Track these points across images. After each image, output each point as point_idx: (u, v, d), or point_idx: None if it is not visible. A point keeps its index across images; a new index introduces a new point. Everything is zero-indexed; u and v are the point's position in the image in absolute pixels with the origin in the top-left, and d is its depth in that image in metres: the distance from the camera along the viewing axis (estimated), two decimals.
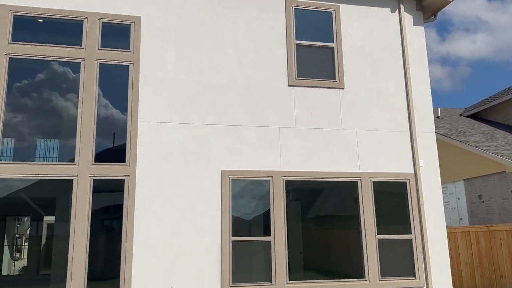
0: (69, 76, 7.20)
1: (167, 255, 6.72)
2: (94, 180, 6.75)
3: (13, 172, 6.56)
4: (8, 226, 12.46)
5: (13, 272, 12.61)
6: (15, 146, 6.92)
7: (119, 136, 7.29)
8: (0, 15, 6.84)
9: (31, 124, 7.17)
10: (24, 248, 14.68)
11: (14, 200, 7.45)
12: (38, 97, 7.13)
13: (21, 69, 7.00)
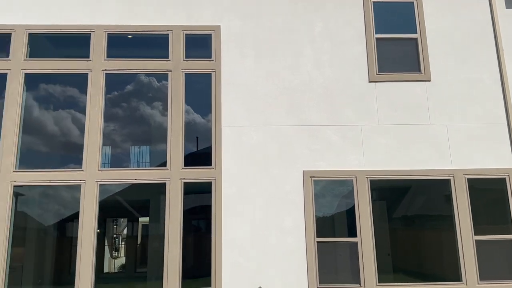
0: (157, 86, 7.73)
1: (253, 255, 6.90)
2: (184, 183, 7.16)
3: (113, 177, 7.18)
4: (107, 227, 13.63)
5: (113, 270, 13.56)
6: (111, 153, 7.56)
7: (204, 141, 7.66)
8: (97, 35, 7.54)
9: (124, 132, 7.80)
10: (121, 247, 15.93)
11: (111, 203, 8.06)
12: (131, 107, 7.74)
13: (115, 82, 7.64)
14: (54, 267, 8.04)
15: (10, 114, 7.15)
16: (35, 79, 7.51)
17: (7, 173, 6.95)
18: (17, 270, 7.17)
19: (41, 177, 7.05)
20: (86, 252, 6.82)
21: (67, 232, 9.28)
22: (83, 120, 7.27)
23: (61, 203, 7.77)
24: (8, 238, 6.78)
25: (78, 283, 6.69)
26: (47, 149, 7.63)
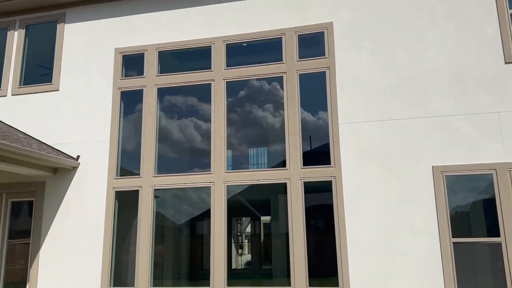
0: (270, 89, 7.94)
1: (381, 256, 6.64)
2: (305, 182, 7.22)
3: (238, 179, 7.56)
4: (232, 225, 14.42)
5: (240, 266, 14.14)
6: (232, 155, 7.97)
7: (321, 140, 7.63)
8: (216, 47, 8.04)
9: (243, 135, 8.15)
10: (244, 245, 16.70)
11: (234, 203, 8.45)
12: (247, 111, 8.07)
13: (234, 89, 8.04)
14: (189, 263, 8.75)
15: (147, 125, 8.03)
16: (165, 92, 8.29)
17: (148, 178, 7.80)
18: (159, 265, 7.97)
19: (176, 180, 7.76)
20: (219, 250, 7.30)
21: (197, 230, 10.01)
22: (205, 127, 7.82)
23: (189, 204, 8.45)
24: (151, 236, 7.61)
25: (213, 279, 7.19)
26: (178, 155, 8.37)
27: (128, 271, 7.79)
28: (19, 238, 8.34)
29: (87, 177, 8.03)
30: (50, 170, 7.95)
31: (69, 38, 8.78)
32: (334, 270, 7.00)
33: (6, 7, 8.93)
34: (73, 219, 7.88)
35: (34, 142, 7.90)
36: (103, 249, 7.61)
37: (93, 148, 8.12)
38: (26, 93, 8.73)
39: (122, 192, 7.92)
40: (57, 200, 8.03)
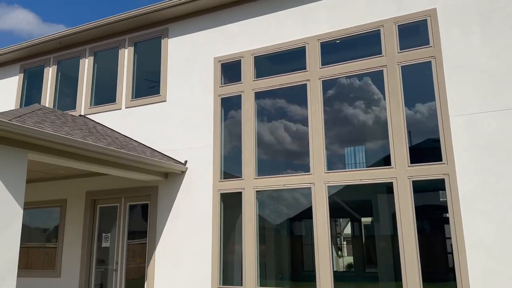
0: (368, 85, 7.63)
1: (508, 258, 5.98)
2: (413, 181, 6.80)
3: (339, 179, 7.39)
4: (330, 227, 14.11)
5: (340, 269, 13.81)
6: (328, 155, 7.76)
7: (427, 135, 7.13)
8: (311, 46, 7.98)
9: (338, 134, 7.92)
10: (343, 247, 16.24)
11: (332, 204, 8.24)
12: (342, 109, 7.84)
13: (329, 88, 7.88)
14: (290, 264, 8.75)
15: (246, 128, 8.24)
16: (262, 96, 8.44)
17: (250, 180, 8.00)
18: (262, 265, 8.09)
19: (277, 182, 7.84)
20: (323, 251, 7.20)
21: (295, 231, 10.00)
22: (303, 128, 7.78)
23: (286, 204, 8.45)
24: (256, 237, 7.77)
25: (319, 280, 7.10)
26: (277, 157, 8.44)
27: (234, 271, 8.05)
28: (136, 239, 9.10)
29: (194, 181, 8.49)
30: (162, 175, 8.56)
31: (172, 51, 9.41)
32: (450, 275, 6.48)
33: (116, 28, 9.85)
34: (183, 220, 8.39)
35: (147, 150, 8.58)
36: (211, 249, 7.97)
37: (198, 153, 8.57)
38: (137, 105, 9.53)
39: (226, 194, 8.23)
40: (169, 202, 8.61)
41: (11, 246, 5.56)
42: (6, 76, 11.45)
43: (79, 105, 10.16)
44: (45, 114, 7.45)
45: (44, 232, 10.29)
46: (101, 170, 7.51)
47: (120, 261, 8.95)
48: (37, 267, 9.76)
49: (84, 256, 9.12)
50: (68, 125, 7.52)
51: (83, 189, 9.50)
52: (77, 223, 9.40)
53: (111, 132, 9.02)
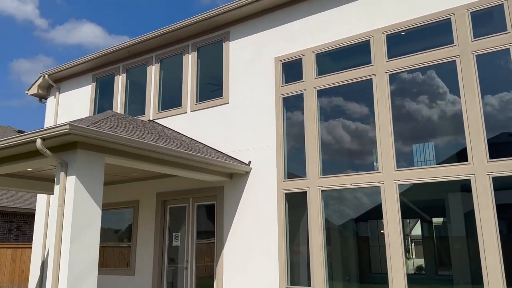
0: (441, 78, 7.22)
1: None
2: (494, 178, 6.33)
3: (410, 177, 7.07)
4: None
5: (410, 271, 13.25)
6: (396, 152, 7.42)
7: (507, 128, 6.61)
8: (376, 39, 7.71)
9: (406, 130, 7.56)
10: (411, 248, 15.54)
11: (400, 204, 7.88)
12: (409, 104, 7.48)
13: (398, 82, 7.56)
14: (357, 265, 8.51)
15: (310, 127, 8.15)
16: (324, 94, 8.30)
17: (314, 179, 7.90)
18: (328, 267, 7.93)
19: (343, 181, 7.67)
20: (395, 252, 6.92)
21: (360, 231, 9.72)
22: (368, 124, 7.53)
23: (348, 204, 8.21)
24: (323, 237, 7.65)
25: (392, 282, 6.84)
26: (341, 155, 8.25)
27: (300, 271, 7.98)
28: (204, 238, 9.33)
29: (258, 181, 8.55)
30: (227, 176, 8.71)
31: (233, 53, 9.55)
32: None
33: (180, 34, 10.19)
34: (249, 220, 8.47)
35: (212, 151, 8.77)
36: (278, 248, 7.97)
37: (261, 153, 8.61)
38: (201, 108, 9.78)
39: (290, 193, 8.19)
40: (235, 202, 8.74)
41: (92, 245, 5.92)
42: (80, 86, 12.27)
43: (148, 111, 10.63)
44: (118, 120, 7.87)
45: (116, 232, 10.88)
46: (170, 171, 7.79)
47: (190, 259, 9.23)
48: (113, 265, 10.34)
49: (156, 254, 9.52)
50: (140, 129, 7.89)
51: (154, 191, 9.92)
52: (149, 223, 9.84)
53: (178, 135, 9.34)
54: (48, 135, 5.63)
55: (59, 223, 5.75)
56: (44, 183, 9.54)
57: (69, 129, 5.46)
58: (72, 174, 5.86)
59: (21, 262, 12.29)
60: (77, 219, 5.75)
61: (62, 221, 5.75)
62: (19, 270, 12.23)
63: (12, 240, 16.01)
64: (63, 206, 5.80)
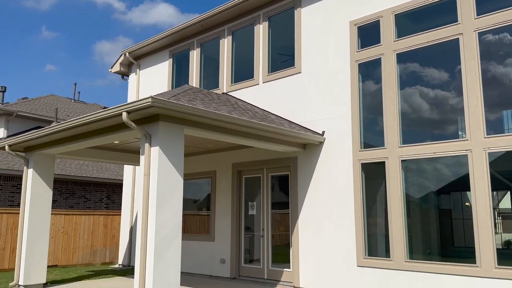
0: None
1: None
2: None
3: (504, 144, 6.49)
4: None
5: (498, 246, 12.46)
6: (486, 118, 6.80)
7: None
8: None
9: (495, 95, 6.87)
10: (498, 222, 14.50)
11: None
12: (503, 66, 6.76)
13: (487, 41, 6.87)
14: (438, 238, 8.12)
15: (388, 94, 7.75)
16: (404, 58, 7.80)
17: (394, 149, 7.56)
18: (408, 239, 7.65)
19: (425, 150, 7.25)
20: (484, 226, 6.48)
21: (442, 204, 9.22)
22: (454, 89, 6.97)
23: (429, 176, 7.74)
24: (403, 208, 7.37)
25: (480, 257, 6.44)
26: (423, 123, 7.77)
27: (377, 243, 7.80)
28: (279, 208, 9.46)
29: (333, 151, 8.39)
30: (300, 146, 8.66)
31: (305, 20, 9.29)
32: None
33: (251, 4, 10.10)
34: (324, 191, 8.40)
35: (284, 122, 8.75)
36: (355, 219, 7.83)
37: (335, 123, 8.41)
38: (273, 79, 9.73)
39: (366, 164, 7.94)
40: (309, 173, 8.70)
41: (176, 211, 6.26)
42: (158, 62, 12.80)
43: (222, 84, 10.82)
44: (194, 93, 8.12)
45: (195, 202, 11.42)
46: (244, 142, 7.91)
47: (266, 228, 9.45)
48: (194, 232, 10.92)
49: (234, 222, 9.87)
50: (215, 102, 8.07)
51: (229, 161, 10.20)
52: (226, 192, 10.18)
53: (251, 107, 9.42)
54: (133, 108, 5.96)
55: (145, 191, 6.14)
56: (130, 155, 10.23)
57: (151, 102, 5.72)
58: (156, 145, 6.18)
59: (112, 228, 13.44)
60: (161, 187, 6.09)
61: (148, 189, 6.13)
62: (110, 235, 13.40)
63: (103, 208, 17.55)
64: (148, 175, 6.17)
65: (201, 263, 10.34)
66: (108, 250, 13.44)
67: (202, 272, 10.28)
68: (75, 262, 12.60)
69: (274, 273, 9.16)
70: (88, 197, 17.25)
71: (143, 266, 5.95)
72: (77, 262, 12.64)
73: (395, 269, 7.26)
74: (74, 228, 12.70)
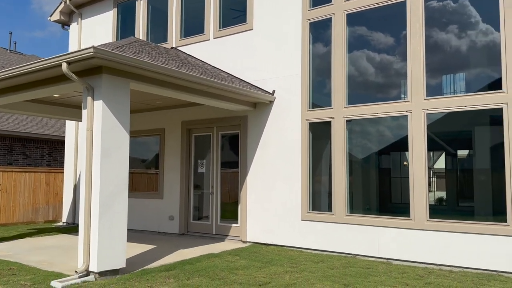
0: (470, 6, 6.71)
1: None
2: None
3: (440, 106, 6.87)
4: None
5: (431, 202, 13.37)
6: (427, 82, 7.14)
7: None
8: None
9: (436, 61, 7.20)
10: (432, 182, 15.59)
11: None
12: (445, 33, 7.05)
13: (432, 8, 7.08)
14: (377, 195, 8.62)
15: (337, 55, 7.86)
16: (354, 19, 7.88)
17: (340, 109, 7.78)
18: (349, 195, 8.05)
19: (369, 110, 7.52)
20: (418, 184, 6.94)
21: (382, 163, 9.73)
22: (398, 52, 7.20)
23: (372, 136, 8.11)
24: (346, 166, 7.70)
25: (413, 212, 6.93)
26: (368, 85, 8.01)
27: (321, 198, 8.16)
28: (228, 166, 9.54)
29: (282, 110, 8.49)
30: (250, 105, 8.67)
31: None
32: None
33: None
34: (273, 149, 8.55)
35: (235, 80, 8.66)
36: (301, 176, 8.10)
37: (286, 83, 8.46)
38: (224, 35, 9.51)
39: (314, 123, 8.13)
40: (258, 132, 8.78)
41: (122, 167, 6.12)
42: (102, 12, 12.03)
43: (170, 38, 10.42)
44: (141, 46, 7.77)
45: (144, 161, 11.22)
46: (193, 99, 7.78)
47: (215, 185, 9.54)
48: (142, 189, 10.81)
49: (183, 180, 9.86)
50: (163, 56, 7.78)
51: (179, 119, 10.04)
52: (175, 150, 10.08)
53: (202, 63, 9.21)
54: (73, 59, 5.62)
55: (89, 146, 5.93)
56: (72, 110, 9.75)
57: (93, 52, 5.41)
58: (99, 99, 5.92)
59: (55, 186, 12.98)
60: (105, 142, 5.91)
61: (92, 144, 5.93)
62: (53, 193, 12.95)
63: (45, 165, 16.82)
64: (91, 130, 5.94)
65: (150, 220, 10.34)
66: (52, 208, 13.03)
67: (151, 229, 10.30)
68: (16, 220, 12.13)
69: (222, 229, 9.37)
70: (28, 154, 16.41)
71: (87, 223, 5.84)
72: (18, 220, 12.17)
73: (336, 222, 7.67)
74: (13, 185, 12.12)
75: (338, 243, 7.61)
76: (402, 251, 6.96)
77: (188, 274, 5.94)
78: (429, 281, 5.69)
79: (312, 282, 5.55)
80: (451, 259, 6.54)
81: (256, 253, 7.56)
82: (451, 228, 6.61)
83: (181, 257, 7.16)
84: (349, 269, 6.34)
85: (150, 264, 6.67)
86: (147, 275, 5.89)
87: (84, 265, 5.75)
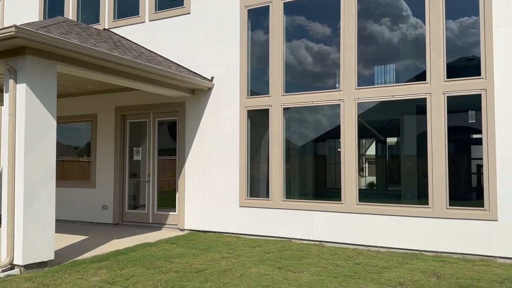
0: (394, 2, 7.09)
1: None
2: (448, 97, 6.57)
3: (369, 95, 7.20)
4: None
5: (362, 187, 14.05)
6: (359, 72, 7.47)
7: (469, 48, 6.73)
8: None
9: (368, 51, 7.55)
10: (365, 167, 16.43)
11: (358, 124, 8.13)
12: (377, 25, 7.39)
13: (365, 2, 7.37)
14: (313, 181, 8.92)
15: (274, 43, 7.94)
16: (292, 8, 7.98)
17: (277, 97, 7.89)
18: (286, 182, 8.27)
19: (305, 99, 7.71)
20: (349, 169, 7.26)
21: (318, 150, 10.07)
22: (333, 42, 7.44)
23: (309, 124, 8.38)
24: (283, 152, 7.86)
25: (345, 196, 7.25)
26: (305, 74, 8.20)
27: (259, 185, 8.29)
28: (166, 154, 9.36)
29: (221, 97, 8.44)
30: (188, 91, 8.53)
31: None
32: (477, 193, 6.51)
33: None
34: (211, 136, 8.50)
35: (172, 65, 8.46)
36: (239, 164, 8.15)
37: (225, 70, 8.41)
38: (161, 18, 9.22)
39: (253, 111, 8.20)
40: (197, 119, 8.68)
41: (48, 156, 5.77)
42: None
43: (103, 19, 9.91)
44: (70, 26, 7.31)
45: (75, 149, 10.68)
46: (127, 84, 7.50)
47: (152, 173, 9.32)
48: (73, 178, 10.29)
49: (117, 168, 9.51)
50: (94, 37, 7.39)
51: (112, 105, 9.63)
52: (108, 137, 9.67)
53: (136, 47, 8.87)
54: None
55: (11, 133, 5.52)
56: None
57: (15, 31, 5.01)
58: (22, 82, 5.51)
59: None
60: (30, 129, 5.53)
61: (15, 131, 5.52)
62: None
63: None
64: (14, 115, 5.53)
65: (81, 210, 9.89)
66: None
67: (82, 219, 9.86)
68: None
69: (159, 217, 9.21)
70: None
71: (11, 214, 5.46)
72: None
73: (273, 207, 7.84)
74: None
75: (274, 228, 7.78)
76: (334, 233, 7.28)
77: (121, 264, 5.78)
78: (358, 261, 6.01)
79: (248, 267, 5.64)
80: (379, 240, 6.94)
81: (194, 241, 7.53)
82: (378, 211, 7.01)
83: (115, 247, 6.95)
84: (284, 253, 6.53)
85: (82, 255, 6.41)
86: (78, 266, 5.66)
87: (8, 258, 5.40)
